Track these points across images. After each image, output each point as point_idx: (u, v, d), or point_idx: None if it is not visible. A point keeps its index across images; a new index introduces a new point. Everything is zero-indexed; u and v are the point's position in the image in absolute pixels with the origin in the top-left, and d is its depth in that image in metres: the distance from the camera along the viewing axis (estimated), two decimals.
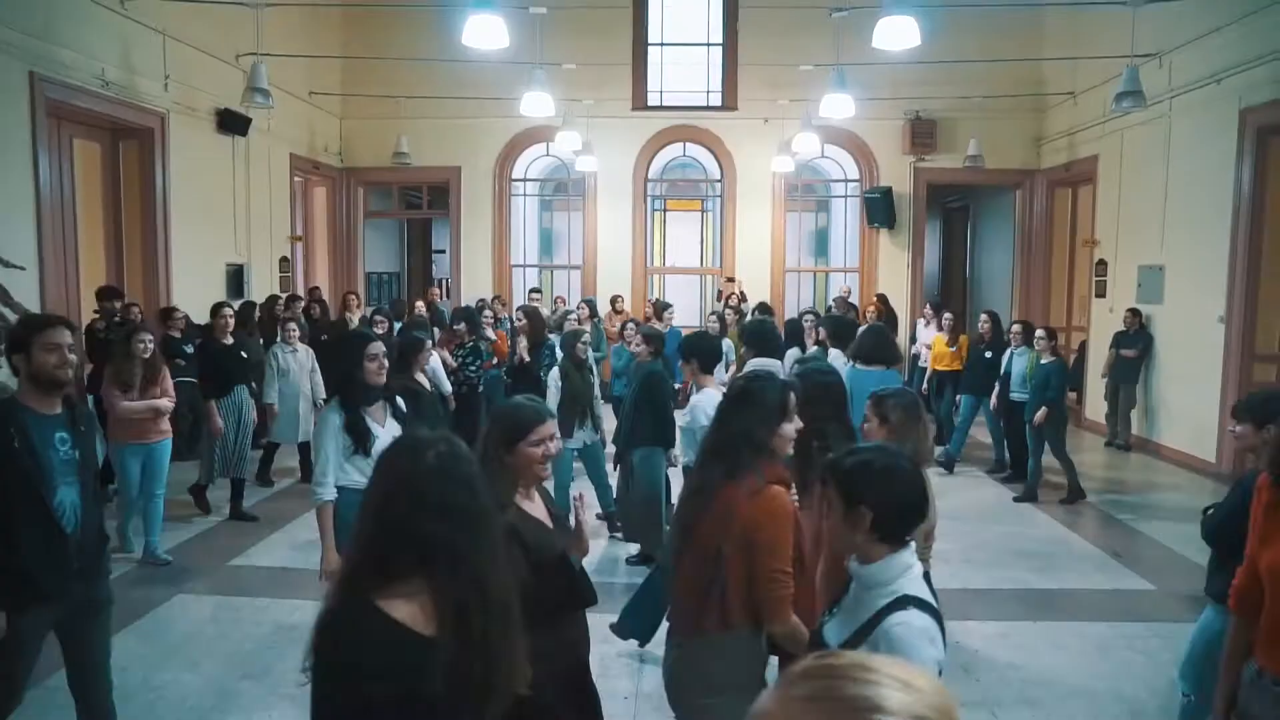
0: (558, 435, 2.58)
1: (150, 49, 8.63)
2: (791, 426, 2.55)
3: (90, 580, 3.02)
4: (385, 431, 3.75)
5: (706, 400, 4.39)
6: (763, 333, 5.96)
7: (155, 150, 8.78)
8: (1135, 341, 9.80)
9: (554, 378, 6.32)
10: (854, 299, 12.91)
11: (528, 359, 7.51)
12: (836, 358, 6.56)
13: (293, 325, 7.88)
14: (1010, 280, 13.68)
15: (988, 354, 8.61)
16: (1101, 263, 11.17)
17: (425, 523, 1.57)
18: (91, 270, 8.52)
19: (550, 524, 2.54)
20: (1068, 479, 7.61)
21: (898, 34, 5.76)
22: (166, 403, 5.92)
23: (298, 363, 7.57)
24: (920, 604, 1.82)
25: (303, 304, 10.21)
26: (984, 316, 9.03)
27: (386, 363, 3.88)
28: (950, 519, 5.30)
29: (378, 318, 8.62)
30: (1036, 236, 13.07)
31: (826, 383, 3.36)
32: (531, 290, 12.39)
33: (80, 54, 7.63)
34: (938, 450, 8.24)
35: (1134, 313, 9.88)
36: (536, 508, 2.54)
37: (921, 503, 1.97)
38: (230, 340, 7.12)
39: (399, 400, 3.99)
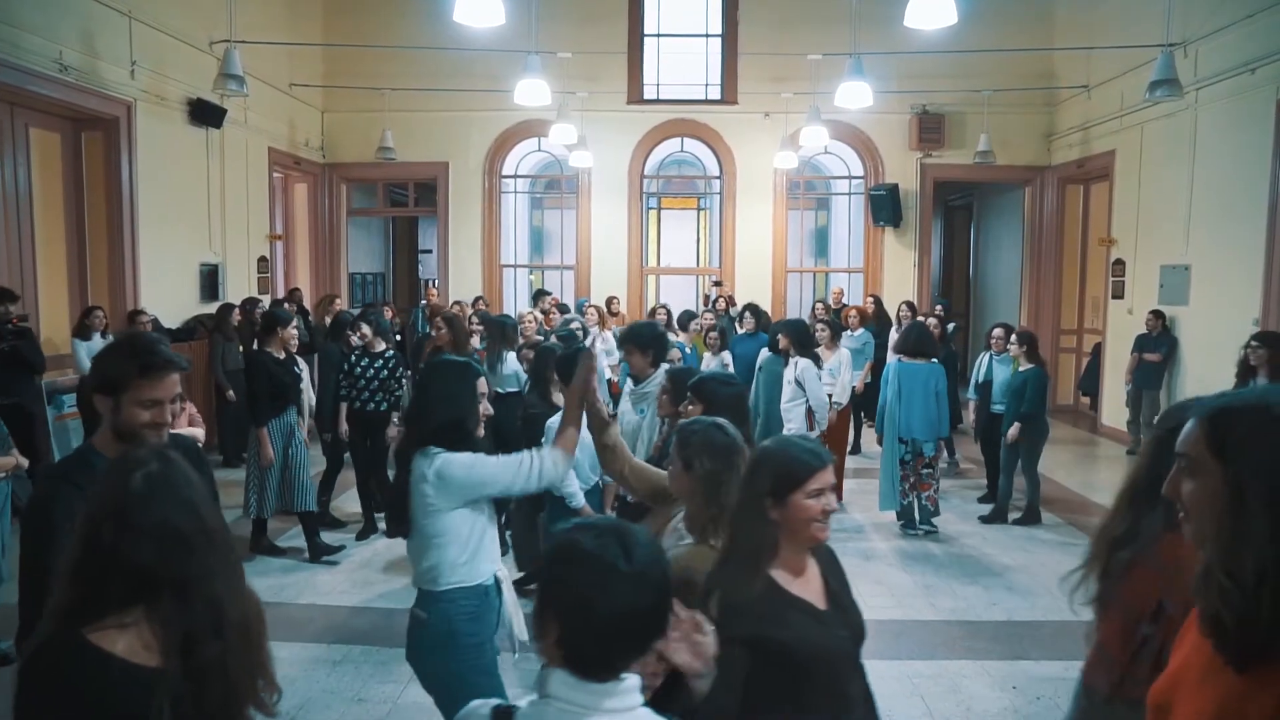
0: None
1: (115, 32, 8.03)
2: None
3: None
4: None
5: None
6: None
7: (121, 141, 8.17)
8: (1159, 345, 9.35)
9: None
10: (847, 300, 12.31)
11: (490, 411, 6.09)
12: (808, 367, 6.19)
13: (292, 331, 6.80)
14: (1019, 281, 13.23)
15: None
16: (1119, 262, 10.72)
17: (136, 550, 1.49)
18: (51, 270, 7.92)
19: (824, 604, 1.95)
20: (1029, 498, 6.93)
21: (933, 11, 5.24)
22: (200, 434, 5.19)
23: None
24: None
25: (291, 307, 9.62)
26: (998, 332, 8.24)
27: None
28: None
29: (363, 328, 6.59)
30: (1047, 235, 12.62)
31: (726, 393, 3.00)
32: (539, 292, 11.39)
33: (36, 35, 7.03)
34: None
35: (1157, 315, 9.42)
36: (808, 583, 1.95)
37: (639, 625, 1.37)
38: (283, 354, 6.07)
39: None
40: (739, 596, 1.83)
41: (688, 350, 7.54)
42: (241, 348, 8.67)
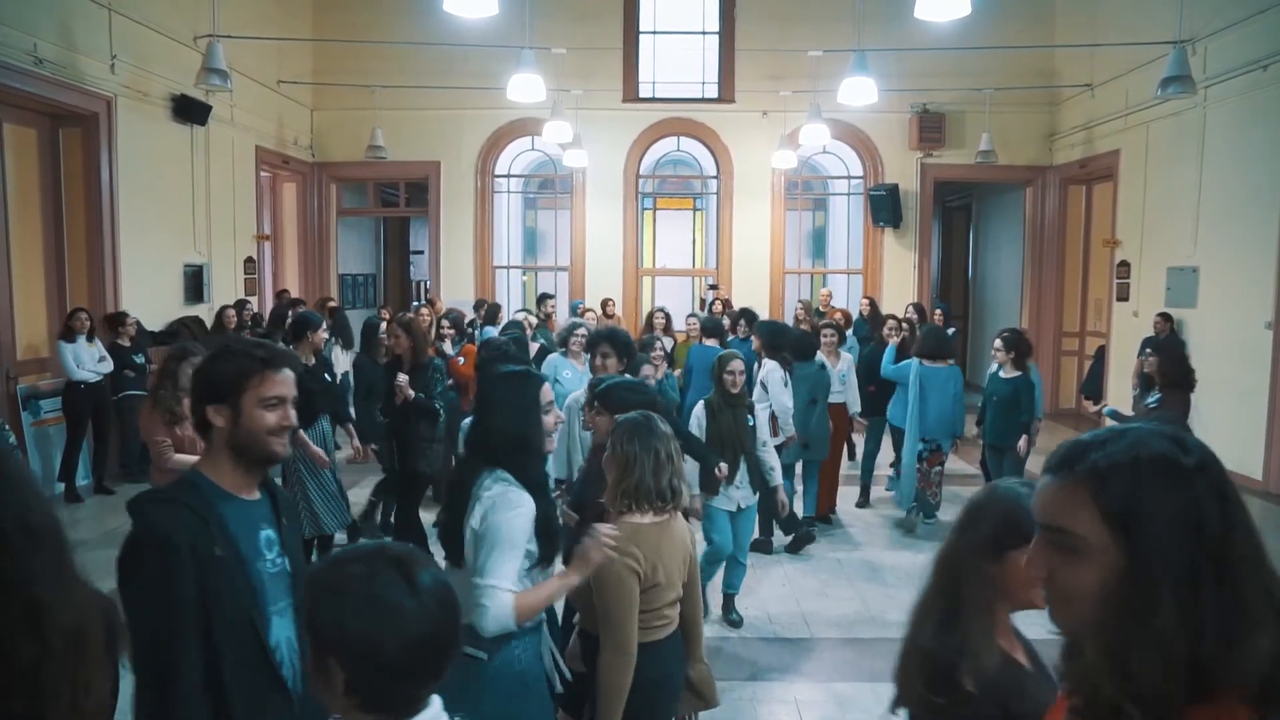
0: None
1: (94, 25, 7.77)
2: None
3: None
4: None
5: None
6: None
7: (101, 138, 7.91)
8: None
9: (697, 414, 4.96)
10: (840, 303, 12.05)
11: (410, 395, 5.41)
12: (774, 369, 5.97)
13: (322, 335, 6.44)
14: (1019, 283, 13.03)
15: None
16: (1124, 264, 10.53)
17: None
18: (27, 271, 7.65)
19: (1031, 666, 1.72)
20: None
21: (945, 2, 5.01)
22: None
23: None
24: None
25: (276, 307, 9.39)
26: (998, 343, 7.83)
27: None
28: None
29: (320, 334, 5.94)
30: (1048, 236, 12.42)
31: (634, 400, 2.88)
32: (542, 296, 11.04)
33: (8, 27, 6.76)
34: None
35: (1165, 317, 9.22)
36: (1014, 644, 1.71)
37: (424, 657, 1.23)
38: (312, 359, 5.60)
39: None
40: (988, 668, 1.56)
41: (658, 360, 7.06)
42: None
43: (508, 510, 2.33)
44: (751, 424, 4.96)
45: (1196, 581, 0.94)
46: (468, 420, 3.25)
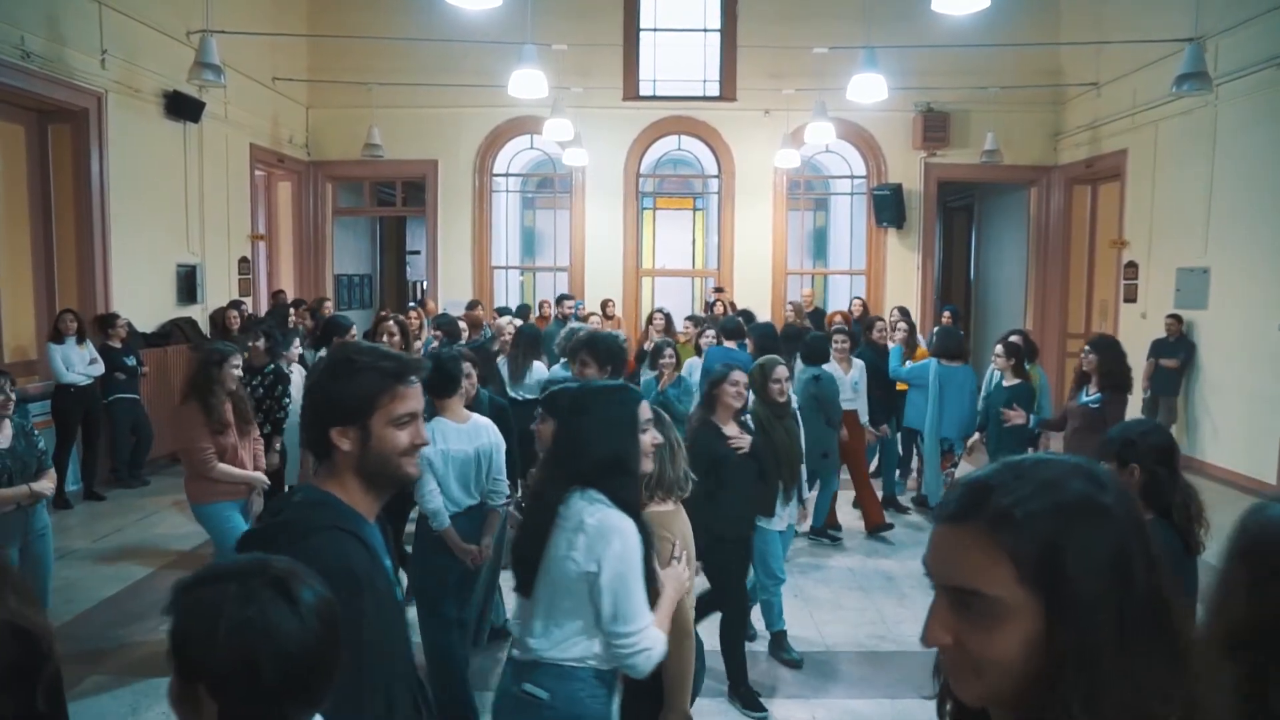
0: None
1: (83, 19, 7.59)
2: None
3: None
4: None
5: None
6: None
7: (91, 135, 7.72)
8: (1176, 350, 9.01)
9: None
10: (836, 304, 11.87)
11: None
12: None
13: (296, 338, 6.23)
14: (1023, 284, 12.89)
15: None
16: (1131, 265, 10.40)
17: None
18: (15, 271, 7.47)
19: None
20: None
21: None
22: (264, 479, 4.58)
23: (297, 386, 5.94)
24: None
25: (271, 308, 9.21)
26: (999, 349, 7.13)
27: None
28: None
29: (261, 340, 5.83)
30: (1053, 237, 12.29)
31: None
32: (561, 296, 10.85)
33: None
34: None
35: (1176, 319, 9.09)
36: None
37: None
38: None
39: None
40: None
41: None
42: (247, 354, 8.20)
43: (620, 540, 2.12)
44: (800, 433, 4.71)
45: (1132, 637, 0.83)
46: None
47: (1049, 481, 0.86)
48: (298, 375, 6.10)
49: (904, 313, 9.21)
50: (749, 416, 4.34)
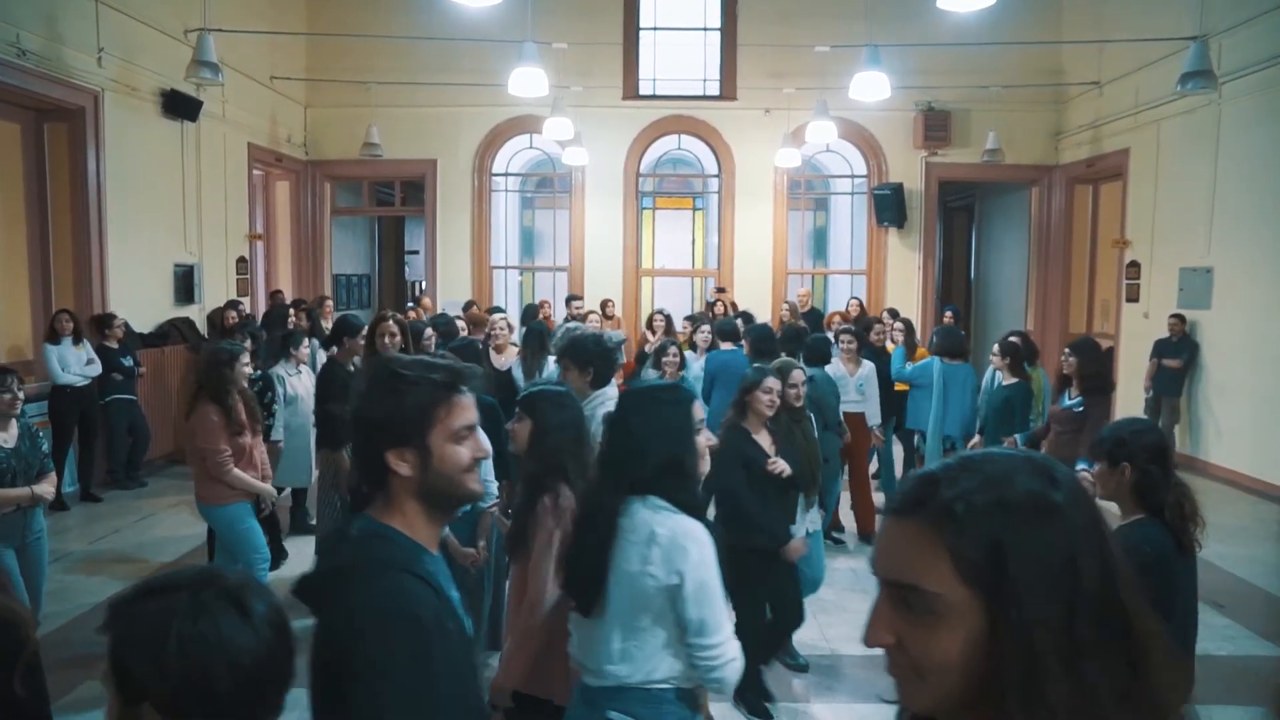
0: None
1: (80, 17, 7.52)
2: None
3: None
4: None
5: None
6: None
7: (87, 133, 7.66)
8: (1179, 350, 8.96)
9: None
10: (835, 304, 11.79)
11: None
12: None
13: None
14: (1024, 284, 12.85)
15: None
16: (1133, 264, 10.36)
17: None
18: (11, 270, 7.41)
19: None
20: None
21: None
22: (274, 492, 4.49)
23: (304, 387, 5.86)
24: None
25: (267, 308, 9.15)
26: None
27: None
28: None
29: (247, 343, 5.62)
30: (1054, 237, 12.25)
31: (565, 406, 2.69)
32: (570, 297, 10.80)
33: None
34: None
35: (1179, 319, 9.05)
36: None
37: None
38: (353, 366, 5.25)
39: None
40: None
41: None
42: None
43: (697, 547, 2.01)
44: (818, 434, 4.59)
45: (1083, 644, 0.79)
46: None
47: (997, 477, 0.83)
48: (306, 376, 6.06)
49: (894, 314, 9.18)
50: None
